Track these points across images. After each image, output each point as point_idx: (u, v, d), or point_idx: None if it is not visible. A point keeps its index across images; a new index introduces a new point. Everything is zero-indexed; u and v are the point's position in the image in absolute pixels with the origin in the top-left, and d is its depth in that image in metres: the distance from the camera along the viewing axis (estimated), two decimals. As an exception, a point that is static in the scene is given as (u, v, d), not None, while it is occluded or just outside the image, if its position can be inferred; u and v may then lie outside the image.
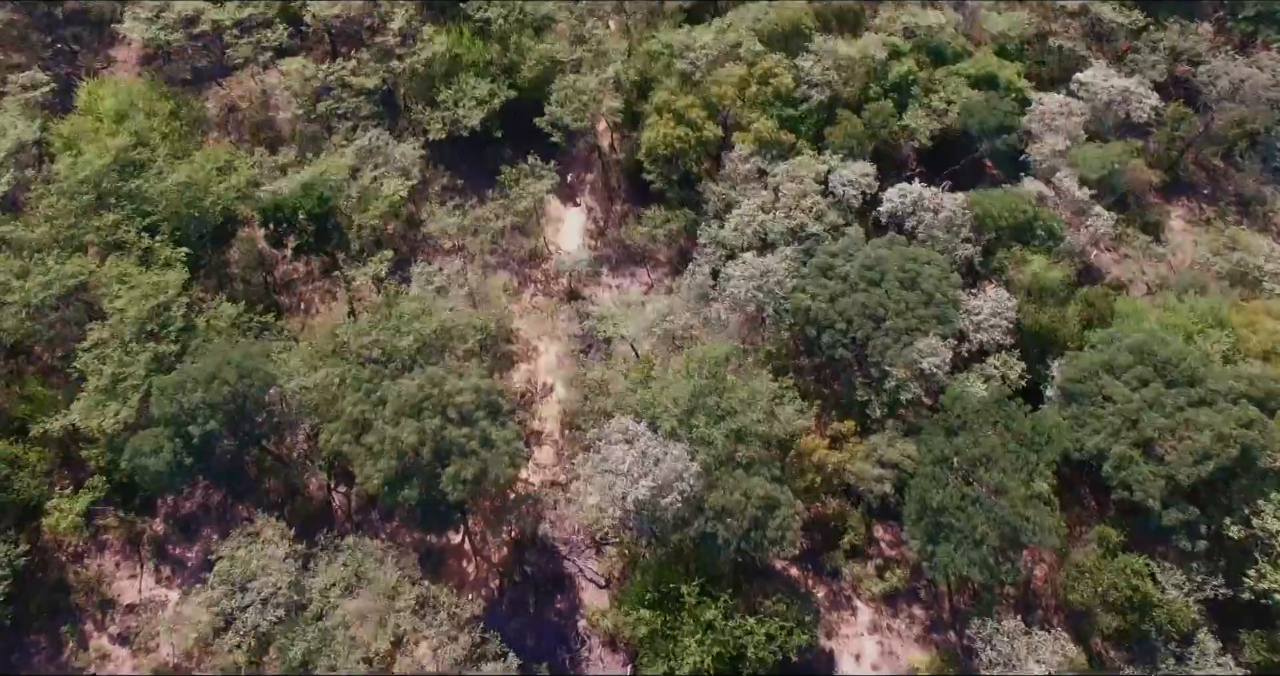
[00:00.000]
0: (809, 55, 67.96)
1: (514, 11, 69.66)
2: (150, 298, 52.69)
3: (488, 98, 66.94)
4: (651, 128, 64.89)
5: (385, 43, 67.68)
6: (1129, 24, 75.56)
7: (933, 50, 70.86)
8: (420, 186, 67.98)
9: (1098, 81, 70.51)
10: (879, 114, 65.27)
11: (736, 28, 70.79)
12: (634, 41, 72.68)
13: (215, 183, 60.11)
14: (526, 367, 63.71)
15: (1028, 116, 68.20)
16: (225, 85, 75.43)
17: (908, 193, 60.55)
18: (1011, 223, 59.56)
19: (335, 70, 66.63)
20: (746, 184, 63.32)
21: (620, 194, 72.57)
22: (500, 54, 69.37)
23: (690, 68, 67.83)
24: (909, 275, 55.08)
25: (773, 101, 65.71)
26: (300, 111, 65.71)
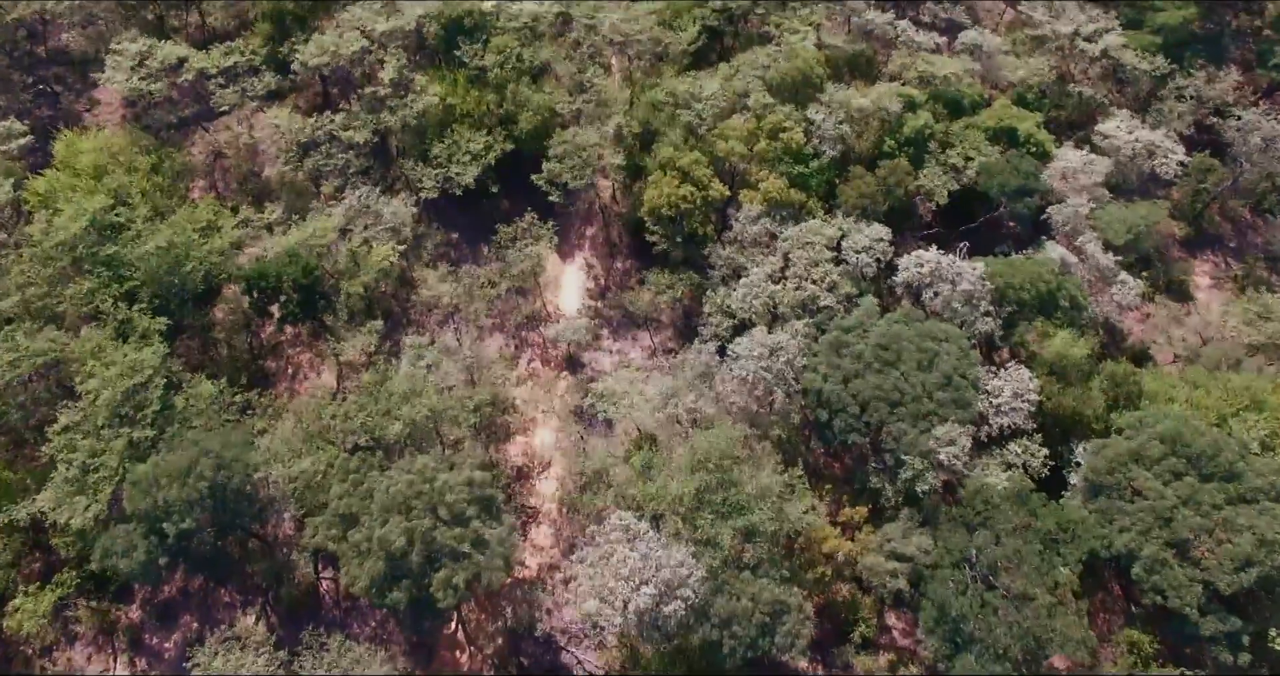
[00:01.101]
0: (820, 106, 64.99)
1: (511, 58, 66.56)
2: (125, 378, 49.75)
3: (483, 152, 63.88)
4: (654, 185, 61.86)
5: (376, 93, 64.57)
6: (1152, 71, 72.45)
7: (949, 101, 67.79)
8: (413, 243, 65.02)
9: (1120, 135, 67.58)
10: (894, 172, 62.20)
11: (744, 75, 67.87)
12: (636, 90, 69.60)
13: (197, 246, 57.14)
14: (523, 440, 60.81)
15: (1048, 171, 65.35)
16: (212, 130, 72.49)
17: (924, 261, 57.58)
18: (1034, 295, 56.57)
19: (323, 123, 63.60)
20: (755, 248, 60.35)
21: (622, 250, 69.55)
22: (496, 103, 66.27)
23: (696, 120, 64.86)
24: (926, 355, 52.17)
25: (782, 157, 62.68)
26: (287, 167, 62.64)
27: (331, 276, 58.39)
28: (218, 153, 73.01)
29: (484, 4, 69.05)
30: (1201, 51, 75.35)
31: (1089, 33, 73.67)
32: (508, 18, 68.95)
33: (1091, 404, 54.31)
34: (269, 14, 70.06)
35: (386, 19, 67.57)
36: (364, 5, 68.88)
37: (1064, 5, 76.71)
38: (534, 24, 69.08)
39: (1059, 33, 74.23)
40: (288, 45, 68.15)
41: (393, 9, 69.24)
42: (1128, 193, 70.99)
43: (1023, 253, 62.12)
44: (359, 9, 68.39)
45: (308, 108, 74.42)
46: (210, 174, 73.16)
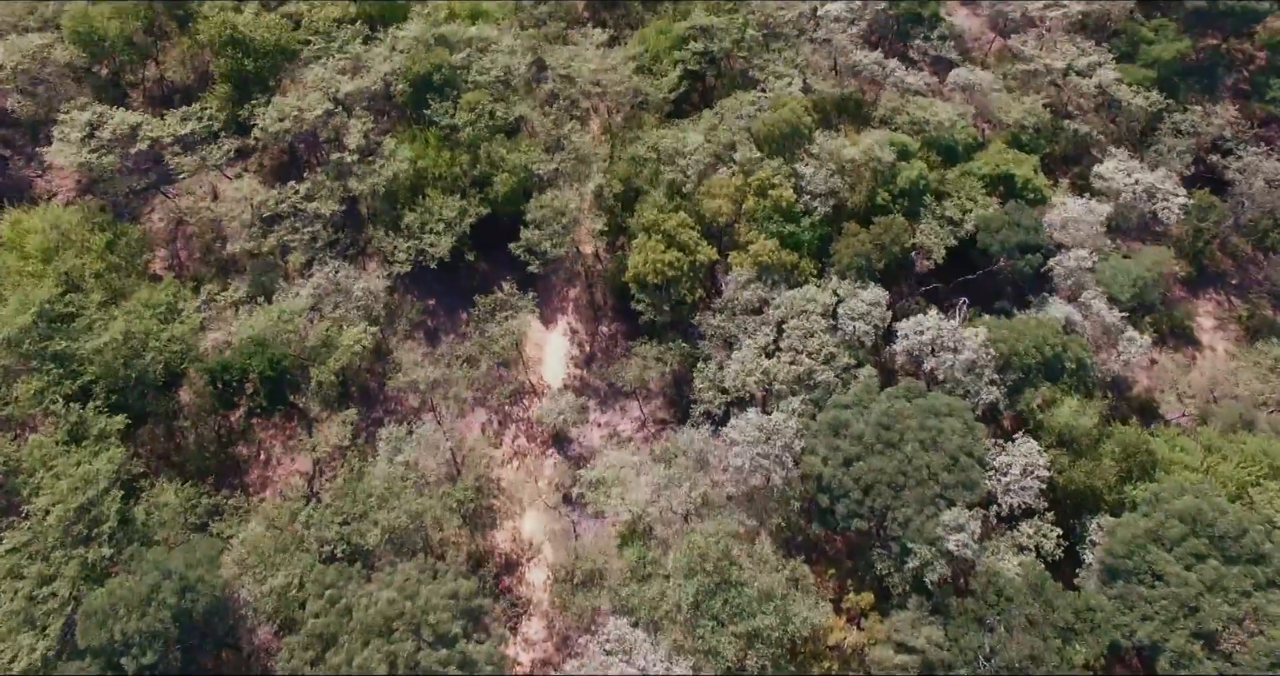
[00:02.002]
0: (809, 159, 62.21)
1: (483, 116, 63.35)
2: (78, 492, 46.39)
3: (457, 218, 60.70)
4: (639, 251, 58.87)
5: (342, 158, 61.23)
6: (1148, 106, 70.04)
7: (943, 147, 65.11)
8: (388, 316, 61.85)
9: (1119, 177, 65.11)
10: (889, 229, 59.43)
11: (729, 124, 64.99)
12: (616, 143, 66.54)
13: (156, 334, 53.81)
14: (511, 526, 57.83)
15: (1048, 218, 62.86)
16: (173, 194, 68.89)
17: (924, 327, 54.96)
18: (1038, 360, 54.06)
19: (287, 195, 60.21)
20: (746, 315, 57.51)
21: (607, 312, 66.56)
22: (470, 164, 63.09)
23: (680, 177, 61.97)
24: (930, 433, 49.50)
25: (772, 216, 59.87)
26: (250, 243, 59.21)
27: (301, 361, 55.14)
28: (179, 219, 69.70)
29: (453, 57, 65.78)
30: (1196, 84, 73.09)
31: (1082, 67, 71.19)
32: (479, 71, 65.70)
33: (1103, 476, 51.87)
34: (227, 74, 66.59)
35: (351, 78, 64.24)
36: (327, 63, 65.50)
37: (1055, 38, 74.20)
38: (507, 77, 65.91)
39: (1051, 68, 71.70)
40: (248, 107, 64.75)
41: (357, 66, 65.95)
42: (1126, 231, 68.83)
43: (1024, 311, 59.61)
44: (321, 68, 64.98)
45: (273, 166, 71.20)
46: (172, 242, 69.83)
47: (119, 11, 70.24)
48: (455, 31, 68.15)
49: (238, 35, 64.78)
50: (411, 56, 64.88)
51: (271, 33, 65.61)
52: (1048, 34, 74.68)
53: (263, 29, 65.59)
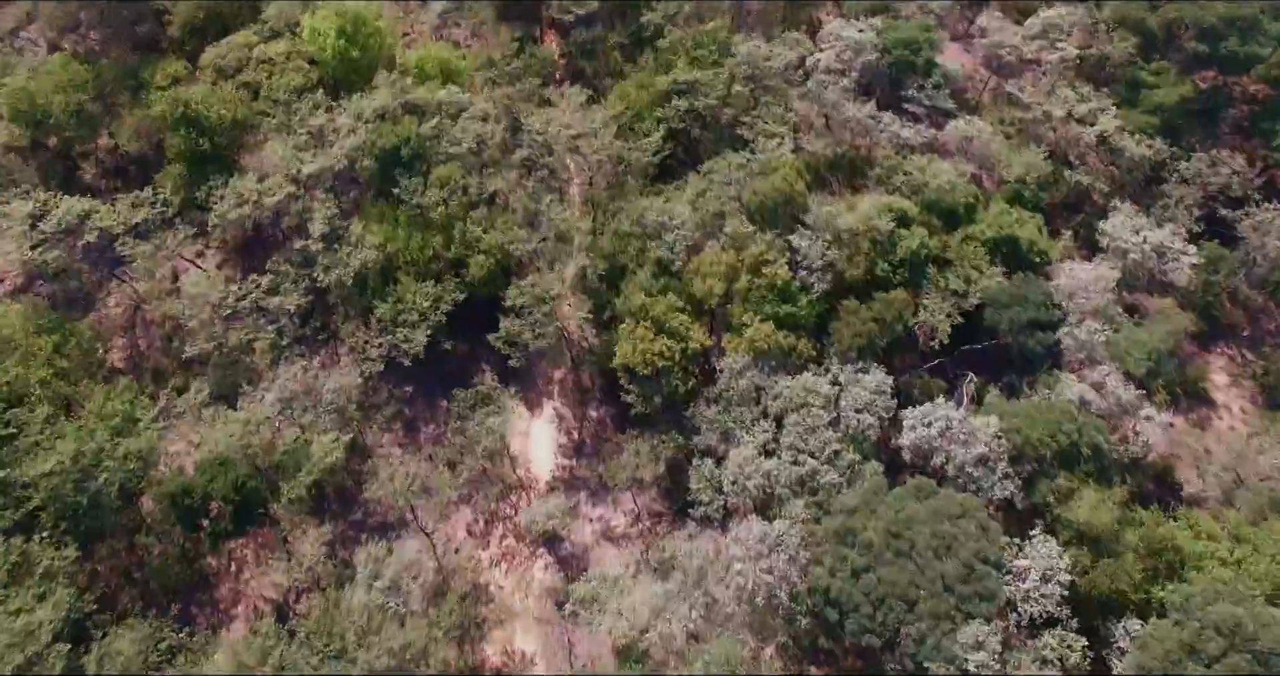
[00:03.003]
0: (805, 230, 58.79)
1: (456, 193, 59.59)
2: (17, 650, 42.44)
3: (432, 308, 56.99)
4: (626, 338, 55.43)
5: (306, 247, 57.41)
6: (1152, 156, 67.01)
7: (944, 210, 61.83)
8: (363, 408, 58.17)
9: (1126, 235, 62.12)
10: (891, 306, 56.21)
11: (717, 191, 61.50)
12: (599, 215, 62.79)
13: (110, 452, 49.87)
14: (502, 636, 54.31)
15: (1054, 282, 59.79)
16: (129, 276, 64.57)
17: (931, 418, 51.81)
18: (1053, 449, 51.01)
19: (248, 289, 56.28)
20: (743, 407, 54.17)
21: (595, 394, 63.01)
22: (444, 245, 59.36)
23: (667, 254, 58.47)
24: (943, 540, 46.40)
25: (767, 296, 56.46)
26: (210, 344, 55.20)
27: (269, 475, 51.38)
28: (138, 303, 65.65)
29: (422, 127, 61.93)
30: (1199, 127, 70.15)
31: (1083, 114, 68.06)
32: (450, 141, 61.90)
33: (1128, 575, 48.89)
34: (182, 153, 62.50)
35: (313, 156, 60.27)
36: (287, 139, 61.51)
37: (1053, 82, 71.01)
38: (480, 148, 62.13)
39: (1051, 115, 68.55)
40: (205, 188, 60.72)
41: (320, 140, 61.95)
42: (1133, 285, 65.82)
43: (1033, 385, 56.57)
44: (280, 145, 60.98)
45: (235, 243, 67.20)
46: (130, 330, 65.80)
47: (62, 85, 66.06)
48: (424, 97, 64.33)
49: (191, 112, 60.69)
50: (377, 130, 60.99)
51: (228, 108, 61.55)
52: (1045, 78, 71.53)
53: (218, 104, 61.52)
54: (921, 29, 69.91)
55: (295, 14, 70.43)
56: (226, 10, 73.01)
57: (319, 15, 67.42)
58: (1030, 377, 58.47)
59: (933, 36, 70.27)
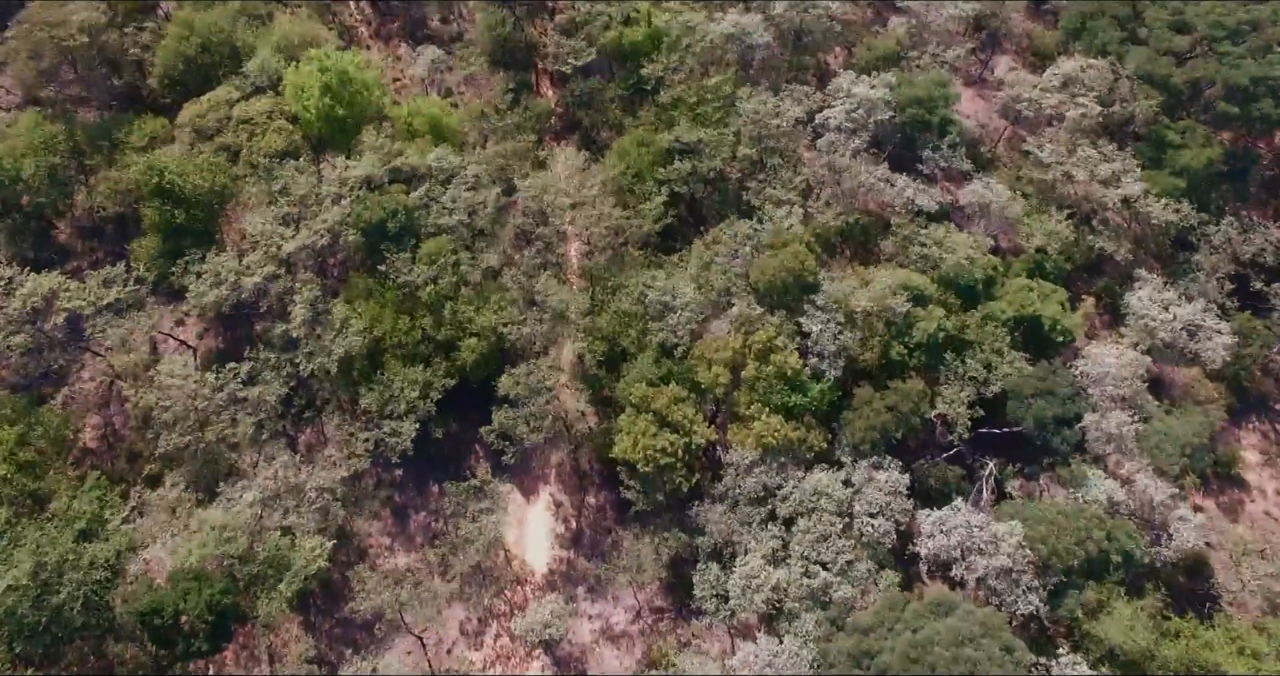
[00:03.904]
0: (814, 311, 55.56)
1: (446, 270, 56.29)
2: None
3: (420, 398, 53.75)
4: (627, 431, 52.32)
5: (288, 332, 54.17)
6: (1180, 221, 63.71)
7: (962, 288, 58.59)
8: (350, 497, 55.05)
9: (1153, 312, 58.87)
10: (907, 397, 53.08)
11: (722, 266, 58.33)
12: (597, 290, 59.37)
13: (75, 562, 46.73)
14: (495, 749, 51.55)
15: (1079, 367, 56.63)
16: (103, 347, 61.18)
17: (949, 526, 48.73)
18: (1081, 558, 47.97)
19: (225, 379, 53.00)
20: (751, 507, 51.08)
21: (594, 479, 59.87)
22: (433, 326, 56.10)
23: (670, 336, 55.28)
24: (965, 667, 43.38)
25: (775, 387, 53.27)
26: (186, 439, 51.95)
27: (249, 586, 48.26)
28: (114, 377, 62.41)
29: (411, 196, 58.68)
30: (1228, 189, 66.82)
31: (1106, 176, 64.66)
32: (440, 211, 58.62)
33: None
34: (157, 224, 59.20)
35: (294, 231, 57.01)
36: (268, 210, 58.20)
37: (1074, 140, 67.57)
38: (471, 220, 58.82)
39: (1073, 176, 65.16)
40: (180, 263, 57.42)
41: (301, 211, 58.60)
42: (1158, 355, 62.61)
43: (1059, 480, 53.52)
44: (260, 217, 57.66)
45: (212, 321, 63.90)
46: (105, 407, 62.63)
47: (33, 146, 62.68)
48: (412, 162, 60.99)
49: (166, 183, 57.27)
50: (363, 201, 57.70)
51: (204, 177, 58.14)
52: (1065, 134, 68.09)
53: (194, 173, 58.07)
54: (936, 84, 66.40)
55: (278, 67, 66.97)
56: (207, 60, 69.60)
57: (303, 70, 63.84)
58: (1051, 461, 55.53)
59: (948, 92, 66.81)
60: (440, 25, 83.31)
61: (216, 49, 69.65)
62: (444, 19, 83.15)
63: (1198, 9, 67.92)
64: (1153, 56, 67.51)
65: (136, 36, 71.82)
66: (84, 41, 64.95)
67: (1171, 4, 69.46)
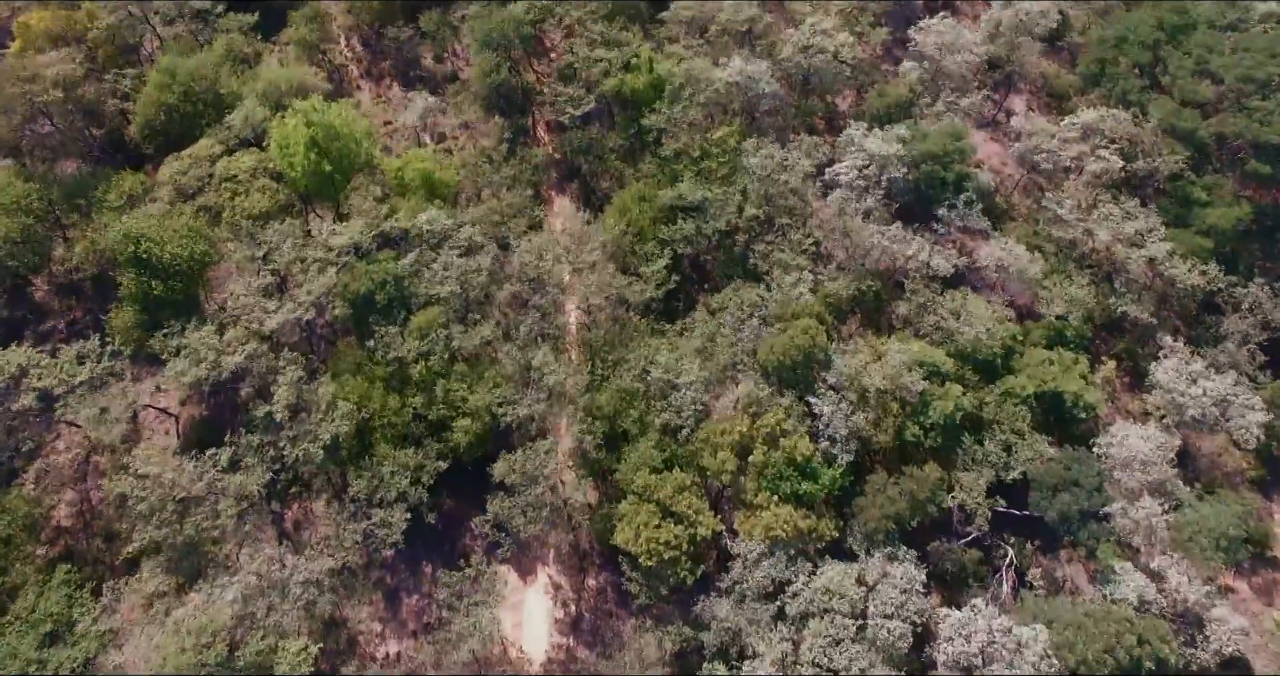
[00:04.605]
0: (826, 390, 52.79)
1: (439, 344, 53.42)
2: None
3: (411, 486, 50.92)
4: (629, 521, 49.57)
5: (270, 415, 51.30)
6: (1207, 286, 60.90)
7: (980, 362, 55.80)
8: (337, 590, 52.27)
9: (1181, 386, 56.10)
10: (923, 484, 50.35)
11: (728, 337, 55.58)
12: (597, 363, 56.42)
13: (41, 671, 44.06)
14: None
15: (1104, 447, 53.87)
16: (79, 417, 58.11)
17: (971, 629, 45.96)
18: (1112, 665, 45.25)
19: (204, 468, 50.14)
20: (759, 603, 48.36)
21: (594, 561, 57.02)
22: (424, 405, 53.26)
23: (674, 418, 52.46)
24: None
25: (785, 474, 50.48)
26: (163, 531, 49.07)
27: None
28: (90, 449, 59.59)
29: (401, 262, 55.84)
30: (1258, 252, 64.00)
31: (1129, 235, 61.79)
32: (432, 279, 55.76)
33: None
34: (133, 295, 56.29)
35: (278, 303, 54.12)
36: (250, 281, 55.32)
37: (1094, 195, 64.72)
38: (464, 289, 55.89)
39: (1094, 234, 62.32)
40: (158, 337, 54.58)
41: (284, 280, 55.75)
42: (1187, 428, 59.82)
43: (1086, 573, 50.86)
44: (242, 289, 54.76)
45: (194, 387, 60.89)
46: (81, 480, 59.78)
47: (6, 206, 59.86)
48: (402, 224, 58.11)
49: (143, 252, 54.32)
50: (350, 272, 54.88)
51: (183, 246, 55.16)
52: (1085, 190, 65.25)
53: (173, 242, 55.09)
54: (952, 137, 63.45)
55: (263, 117, 64.00)
56: (190, 110, 66.60)
57: (289, 123, 60.77)
58: (1074, 545, 52.91)
59: (963, 145, 63.93)
60: (434, 65, 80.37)
61: (200, 97, 66.72)
62: (437, 58, 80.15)
63: (1224, 60, 65.12)
64: (1177, 109, 64.66)
65: (117, 84, 69.17)
66: (59, 96, 62.02)
67: (1196, 52, 66.62)
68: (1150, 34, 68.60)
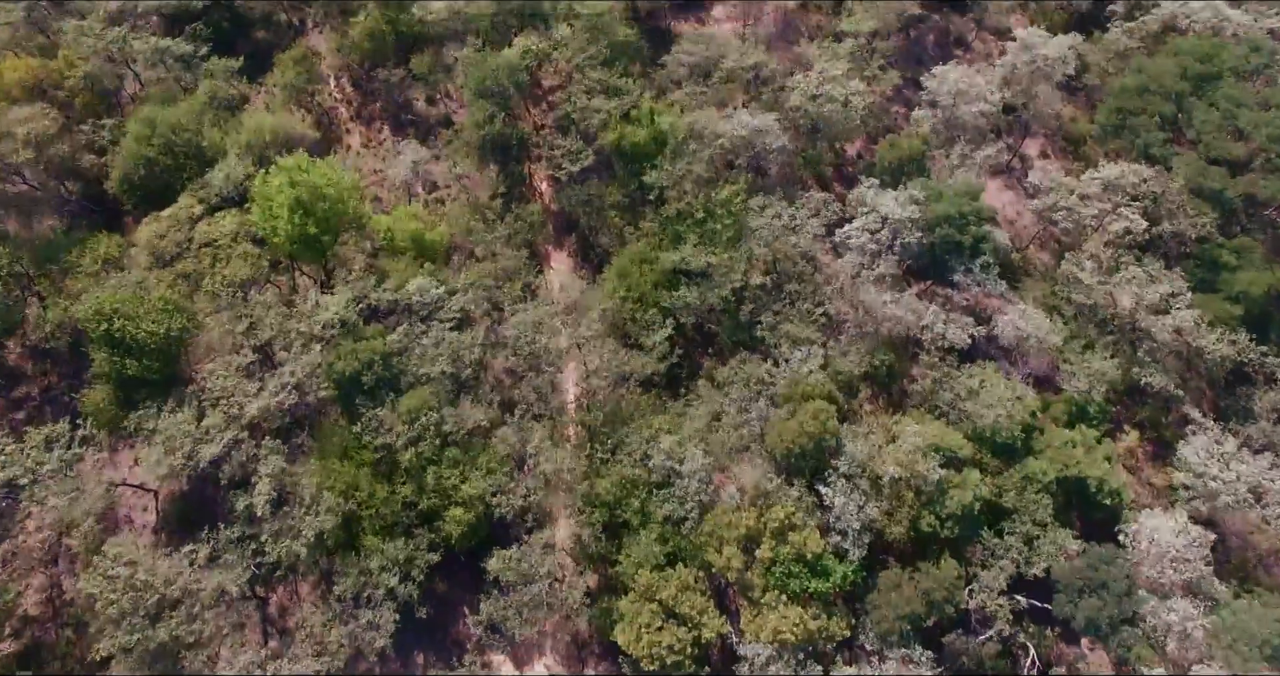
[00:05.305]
0: (837, 479, 49.98)
1: (429, 429, 50.49)
2: None
3: (403, 578, 48.13)
4: (629, 622, 46.81)
5: (251, 508, 48.42)
6: (1237, 356, 58.05)
7: (999, 446, 52.97)
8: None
9: (1212, 469, 53.29)
10: (940, 583, 47.60)
11: (734, 419, 52.73)
12: (596, 446, 53.47)
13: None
14: None
15: (1127, 536, 51.11)
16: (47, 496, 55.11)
17: (997, 747, 43.28)
18: (1145, 787, 42.68)
19: (179, 568, 47.31)
20: (768, 714, 45.71)
21: (594, 649, 54.25)
22: (415, 494, 50.38)
23: (678, 510, 49.63)
24: None
25: (794, 570, 47.69)
26: (135, 637, 46.14)
27: None
28: (64, 527, 56.62)
29: (389, 338, 52.91)
30: (1290, 317, 61.26)
31: (1154, 301, 58.88)
32: (422, 356, 52.87)
33: None
34: (107, 374, 53.33)
35: (259, 384, 51.21)
36: (230, 360, 52.39)
37: (1116, 257, 61.78)
38: (456, 367, 52.99)
39: (1117, 300, 59.47)
40: (132, 419, 51.70)
41: (268, 355, 52.89)
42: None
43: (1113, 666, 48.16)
44: (222, 370, 51.84)
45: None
46: (52, 563, 56.88)
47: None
48: (389, 296, 55.20)
49: (116, 330, 51.37)
50: (335, 350, 51.96)
51: (159, 323, 52.16)
52: (1106, 250, 62.33)
53: (148, 318, 52.08)
54: (967, 197, 60.47)
55: (246, 172, 61.01)
56: (170, 163, 63.61)
57: (273, 183, 57.66)
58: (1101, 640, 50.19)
59: (980, 206, 60.95)
60: (426, 107, 77.32)
61: (180, 150, 63.86)
62: (430, 101, 77.14)
63: (1254, 116, 62.11)
64: (1204, 167, 61.73)
65: (95, 135, 66.10)
66: (30, 156, 59.01)
67: (1224, 106, 63.63)
68: (1174, 84, 65.60)
